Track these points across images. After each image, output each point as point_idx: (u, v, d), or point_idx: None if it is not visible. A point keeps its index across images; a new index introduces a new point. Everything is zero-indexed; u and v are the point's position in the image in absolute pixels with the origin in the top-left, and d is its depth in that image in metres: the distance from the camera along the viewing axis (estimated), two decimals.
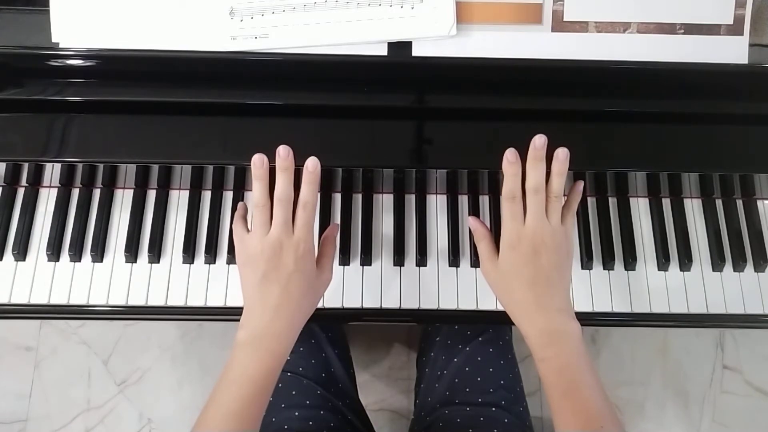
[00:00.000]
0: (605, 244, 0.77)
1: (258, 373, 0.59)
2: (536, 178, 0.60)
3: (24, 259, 0.75)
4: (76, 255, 0.75)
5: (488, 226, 0.66)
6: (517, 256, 0.61)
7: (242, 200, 0.78)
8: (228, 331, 1.43)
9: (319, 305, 0.74)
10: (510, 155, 0.61)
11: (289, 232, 0.61)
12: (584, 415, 0.57)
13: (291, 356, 0.86)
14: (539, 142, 0.61)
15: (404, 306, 0.75)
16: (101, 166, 0.76)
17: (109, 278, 0.75)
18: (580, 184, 0.67)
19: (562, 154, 0.62)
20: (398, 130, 0.71)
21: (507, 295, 0.62)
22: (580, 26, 0.69)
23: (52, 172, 0.77)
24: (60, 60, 0.69)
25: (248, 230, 0.63)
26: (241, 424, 0.58)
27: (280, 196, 0.60)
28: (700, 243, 0.78)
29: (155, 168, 0.77)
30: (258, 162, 0.61)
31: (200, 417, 0.59)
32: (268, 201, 0.61)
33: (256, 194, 0.61)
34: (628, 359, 1.43)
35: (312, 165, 0.61)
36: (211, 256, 0.75)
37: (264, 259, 0.60)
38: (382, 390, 1.39)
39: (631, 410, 1.40)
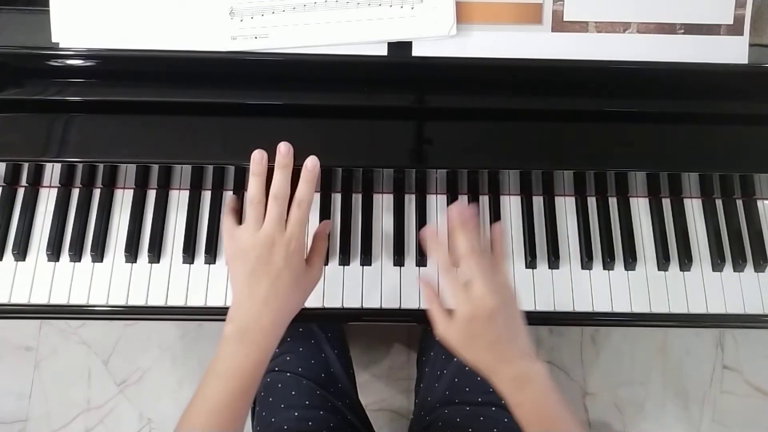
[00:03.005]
0: (605, 244, 0.77)
1: (245, 366, 0.60)
2: (467, 243, 0.61)
3: (24, 259, 0.75)
4: (76, 255, 0.75)
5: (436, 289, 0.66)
6: (475, 324, 0.60)
7: (242, 200, 0.78)
8: None
9: (319, 305, 0.74)
10: (428, 231, 0.65)
11: (282, 229, 0.61)
12: None
13: (290, 356, 0.86)
14: (456, 211, 0.62)
15: (404, 306, 0.75)
16: (101, 166, 0.76)
17: (109, 278, 0.75)
18: (498, 227, 0.67)
19: (472, 211, 0.63)
20: (398, 130, 0.71)
21: (470, 355, 0.63)
22: (580, 26, 0.69)
23: (52, 172, 0.77)
24: (60, 60, 0.69)
25: (238, 224, 0.64)
26: (227, 417, 0.58)
27: (276, 192, 0.61)
28: (700, 243, 0.78)
29: (155, 168, 0.77)
30: (258, 158, 0.62)
31: (186, 410, 0.60)
32: (263, 197, 0.62)
33: (252, 190, 0.62)
34: (628, 359, 1.43)
35: (311, 164, 0.62)
36: (211, 256, 0.75)
37: (255, 254, 0.61)
38: (382, 390, 1.39)
39: (631, 410, 1.40)
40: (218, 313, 0.75)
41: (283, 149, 0.62)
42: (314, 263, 0.66)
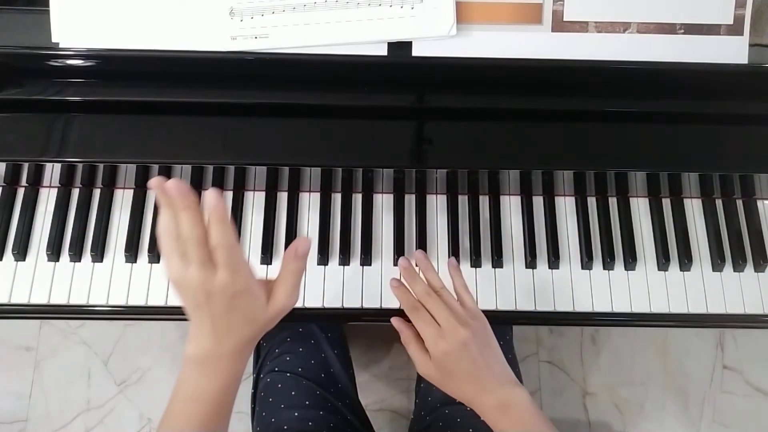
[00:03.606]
0: (605, 244, 0.77)
1: (209, 391, 0.55)
2: (420, 286, 0.67)
3: (24, 259, 0.75)
4: (76, 255, 0.75)
5: (414, 328, 0.66)
6: (450, 358, 0.62)
7: (242, 200, 0.78)
8: None
9: (319, 305, 0.74)
10: (393, 282, 0.69)
11: (210, 267, 0.51)
12: None
13: (290, 357, 0.86)
14: (404, 263, 0.70)
15: None
16: (101, 166, 0.76)
17: (109, 278, 0.75)
18: (453, 261, 0.71)
19: (419, 255, 0.72)
20: (398, 130, 0.71)
21: (452, 389, 0.64)
22: (580, 26, 0.69)
23: (52, 172, 0.77)
24: (60, 60, 0.69)
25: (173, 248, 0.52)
26: None
27: (187, 238, 0.51)
28: (700, 243, 0.78)
29: (155, 168, 0.77)
30: (155, 183, 0.51)
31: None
32: (173, 232, 0.51)
33: (163, 223, 0.52)
34: (628, 359, 1.43)
35: (211, 199, 0.51)
36: None
37: (192, 292, 0.52)
38: (382, 390, 1.39)
39: (631, 410, 1.40)
40: None
41: (172, 187, 0.51)
42: (278, 295, 0.56)
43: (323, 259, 0.75)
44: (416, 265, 0.71)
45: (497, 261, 0.76)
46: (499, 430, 0.62)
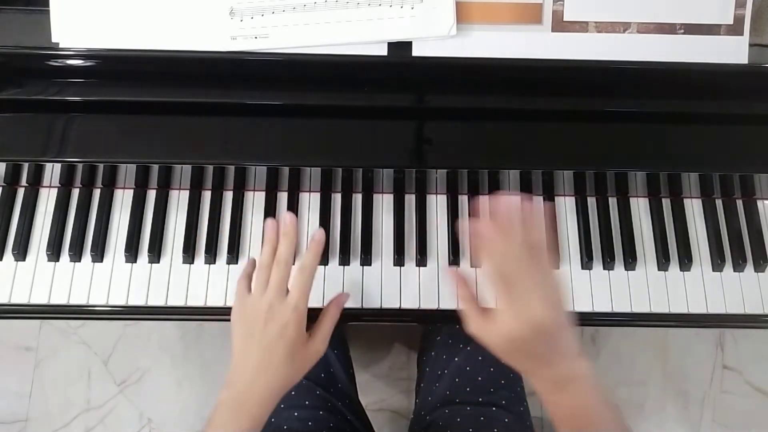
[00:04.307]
0: (605, 244, 0.77)
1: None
2: (511, 250, 0.57)
3: (24, 259, 0.75)
4: (76, 255, 0.75)
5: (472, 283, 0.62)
6: (521, 341, 0.56)
7: (242, 200, 0.78)
8: (228, 331, 1.43)
9: (319, 305, 0.74)
10: (470, 226, 0.60)
11: (282, 296, 0.61)
12: None
13: None
14: (500, 203, 0.58)
15: (404, 306, 0.75)
16: (101, 166, 0.76)
17: (109, 278, 0.75)
18: (549, 208, 0.63)
19: (505, 203, 0.59)
20: (398, 130, 0.71)
21: (508, 359, 0.59)
22: (580, 26, 0.69)
23: (52, 172, 0.77)
24: (60, 60, 0.69)
25: (250, 290, 0.64)
26: None
27: (278, 258, 0.62)
28: (700, 243, 0.78)
29: (155, 168, 0.77)
30: (270, 225, 0.64)
31: None
32: (271, 263, 0.62)
33: (262, 256, 0.63)
34: (628, 359, 1.43)
35: (319, 236, 0.64)
36: (211, 256, 0.75)
37: (252, 318, 0.61)
38: (382, 390, 1.39)
39: (631, 410, 1.40)
40: (218, 313, 0.75)
41: (288, 219, 0.63)
42: (317, 336, 0.64)
43: (323, 259, 0.75)
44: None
45: None
46: (548, 401, 0.58)
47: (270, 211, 0.77)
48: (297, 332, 0.61)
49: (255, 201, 0.78)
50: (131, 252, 0.75)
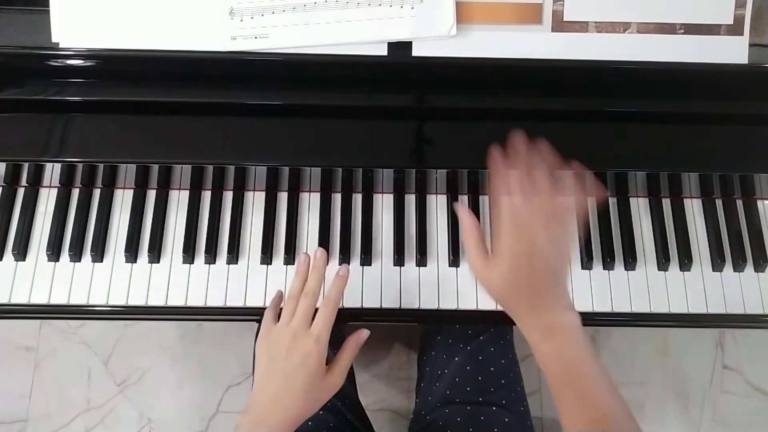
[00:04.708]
0: (605, 244, 0.77)
1: None
2: (540, 175, 0.61)
3: (24, 259, 0.75)
4: (76, 255, 0.75)
5: (478, 222, 0.63)
6: (518, 266, 0.58)
7: (242, 200, 0.78)
8: (228, 331, 1.43)
9: (319, 305, 0.74)
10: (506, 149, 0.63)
11: (307, 327, 0.63)
12: (588, 404, 0.57)
13: None
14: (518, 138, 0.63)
15: (404, 306, 0.75)
16: (101, 166, 0.76)
17: (109, 278, 0.75)
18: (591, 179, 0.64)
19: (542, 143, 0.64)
20: (398, 130, 0.71)
21: (502, 297, 0.61)
22: (580, 26, 0.69)
23: (52, 172, 0.77)
24: (60, 60, 0.69)
25: (276, 320, 0.66)
26: None
27: (307, 289, 0.64)
28: (700, 243, 0.78)
29: (155, 168, 0.77)
30: (303, 259, 0.66)
31: None
32: (299, 295, 0.65)
33: (292, 287, 0.66)
34: (628, 359, 1.43)
35: (343, 272, 0.66)
36: (211, 256, 0.75)
37: (276, 346, 0.63)
38: (382, 390, 1.39)
39: (631, 410, 1.40)
40: (218, 313, 0.75)
41: (319, 254, 0.66)
42: (335, 370, 0.65)
43: None
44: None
45: None
46: (536, 350, 0.59)
47: (270, 211, 0.77)
48: (317, 363, 0.62)
49: (255, 201, 0.78)
50: (131, 252, 0.75)
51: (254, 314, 0.75)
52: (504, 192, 0.60)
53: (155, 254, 0.75)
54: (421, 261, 0.76)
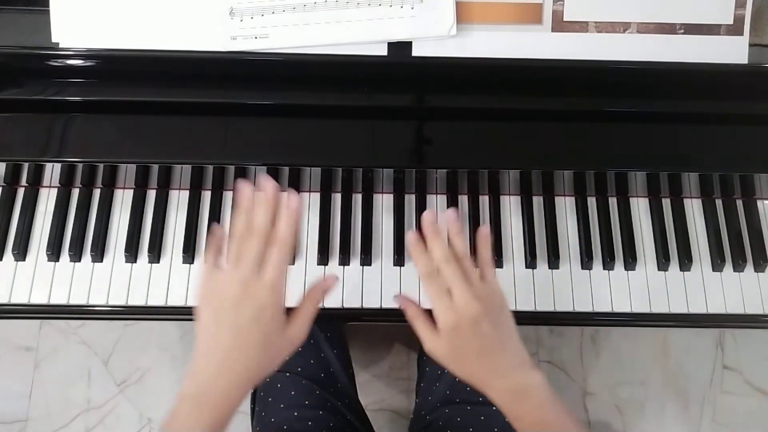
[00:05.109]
0: (605, 244, 0.77)
1: (201, 430, 0.54)
2: (441, 250, 0.58)
3: (24, 259, 0.75)
4: (76, 255, 0.75)
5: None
6: (461, 334, 0.57)
7: None
8: None
9: (319, 305, 0.74)
10: (411, 237, 0.60)
11: (257, 272, 0.54)
12: None
13: (290, 356, 0.86)
14: (429, 218, 0.60)
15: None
16: (101, 166, 0.76)
17: (109, 278, 0.75)
18: (484, 230, 0.61)
19: (452, 215, 0.61)
20: (398, 130, 0.71)
21: (460, 369, 0.60)
22: (580, 26, 0.69)
23: (52, 172, 0.77)
24: (60, 60, 0.69)
25: (217, 265, 0.57)
26: None
27: (256, 228, 0.55)
28: (700, 243, 0.78)
29: (155, 168, 0.77)
30: (243, 188, 0.56)
31: None
32: (245, 234, 0.55)
33: (236, 226, 0.56)
34: (628, 359, 1.43)
35: (294, 203, 0.56)
36: None
37: (223, 298, 0.54)
38: (382, 390, 1.39)
39: (631, 410, 1.40)
40: None
41: (269, 187, 0.55)
42: (295, 323, 0.57)
43: (323, 259, 0.75)
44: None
45: (497, 261, 0.76)
46: (513, 417, 0.58)
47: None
48: (274, 316, 0.54)
49: None
50: (131, 252, 0.75)
51: None
52: (427, 266, 0.59)
53: (155, 254, 0.75)
54: None
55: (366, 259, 0.76)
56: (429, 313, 0.60)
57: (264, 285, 0.54)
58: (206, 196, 0.78)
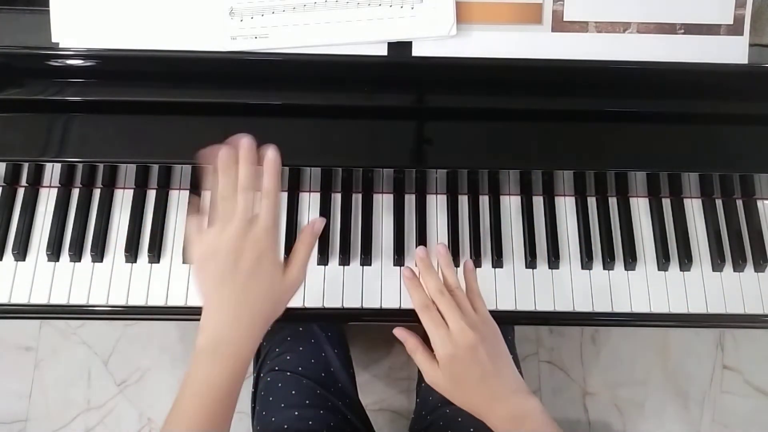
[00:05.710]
0: (605, 244, 0.77)
1: (221, 380, 0.56)
2: (434, 282, 0.62)
3: (24, 259, 0.75)
4: (76, 255, 0.75)
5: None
6: (458, 363, 0.60)
7: None
8: None
9: (319, 305, 0.74)
10: (406, 272, 0.65)
11: (251, 225, 0.56)
12: None
13: (290, 356, 0.86)
14: (422, 253, 0.65)
15: (404, 306, 0.74)
16: (101, 166, 0.76)
17: (109, 278, 0.75)
18: (469, 264, 0.66)
19: (441, 249, 0.66)
20: (398, 130, 0.71)
21: (461, 398, 0.62)
22: (580, 26, 0.69)
23: (52, 172, 0.77)
24: (60, 60, 0.69)
25: (203, 226, 0.58)
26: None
27: (242, 184, 0.56)
28: (700, 243, 0.78)
29: (155, 168, 0.77)
30: (224, 151, 0.57)
31: (164, 428, 0.58)
32: (234, 193, 0.57)
33: (222, 186, 0.57)
34: (628, 359, 1.43)
35: (272, 154, 0.58)
36: None
37: (222, 255, 0.55)
38: (382, 390, 1.39)
39: (631, 410, 1.40)
40: None
41: (245, 141, 0.57)
42: (293, 266, 0.59)
43: (323, 259, 0.75)
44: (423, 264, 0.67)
45: (497, 261, 0.76)
46: None
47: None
48: (273, 262, 0.57)
49: None
50: (131, 252, 0.75)
51: None
52: (423, 298, 0.62)
53: (155, 254, 0.75)
54: None
55: (366, 259, 0.76)
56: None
57: (259, 233, 0.56)
58: (206, 196, 0.78)
